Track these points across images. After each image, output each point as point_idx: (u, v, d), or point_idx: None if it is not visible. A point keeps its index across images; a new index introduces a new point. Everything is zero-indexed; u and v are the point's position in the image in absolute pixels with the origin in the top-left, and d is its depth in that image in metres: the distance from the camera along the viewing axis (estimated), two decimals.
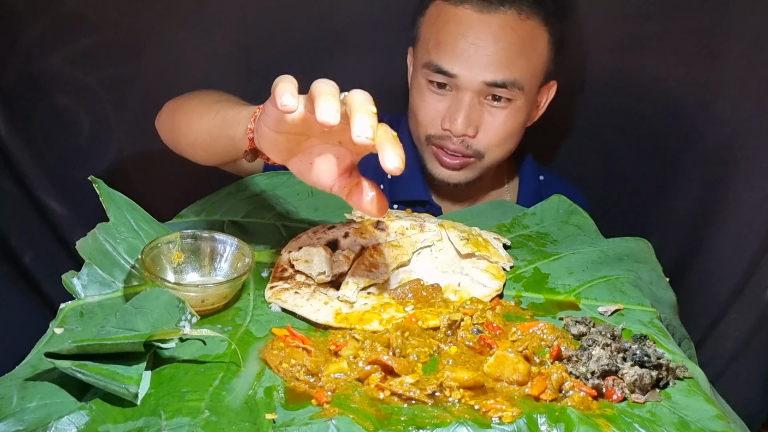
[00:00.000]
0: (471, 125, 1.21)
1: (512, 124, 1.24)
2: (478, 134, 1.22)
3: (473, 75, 1.19)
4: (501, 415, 0.72)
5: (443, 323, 0.85)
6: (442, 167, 1.27)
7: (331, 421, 0.70)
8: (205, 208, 1.13)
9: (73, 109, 1.40)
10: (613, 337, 0.84)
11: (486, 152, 1.25)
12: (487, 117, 1.22)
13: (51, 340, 0.82)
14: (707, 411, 0.76)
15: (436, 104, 1.23)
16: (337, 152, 0.79)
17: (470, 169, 1.27)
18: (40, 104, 1.38)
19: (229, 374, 0.77)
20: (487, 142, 1.23)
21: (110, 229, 0.92)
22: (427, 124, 1.25)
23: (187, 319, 0.81)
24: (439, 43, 1.20)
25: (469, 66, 1.18)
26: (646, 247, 1.08)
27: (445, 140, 1.23)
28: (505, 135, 1.24)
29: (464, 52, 1.18)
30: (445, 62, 1.19)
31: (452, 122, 1.21)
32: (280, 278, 0.93)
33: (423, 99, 1.24)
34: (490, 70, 1.18)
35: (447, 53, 1.19)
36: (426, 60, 1.22)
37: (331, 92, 0.72)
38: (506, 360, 0.78)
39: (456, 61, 1.19)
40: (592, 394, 0.76)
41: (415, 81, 1.27)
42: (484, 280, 0.94)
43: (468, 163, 1.25)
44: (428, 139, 1.26)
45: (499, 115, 1.22)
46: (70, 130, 1.41)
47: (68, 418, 0.71)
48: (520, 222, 1.12)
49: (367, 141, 0.70)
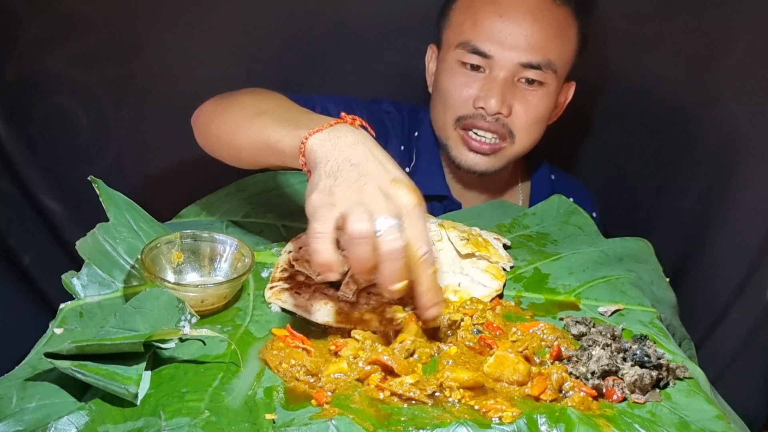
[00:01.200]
0: (505, 103, 1.20)
1: (543, 109, 1.24)
2: (511, 114, 1.22)
3: (509, 56, 1.19)
4: (501, 416, 0.72)
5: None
6: (469, 152, 1.25)
7: (331, 421, 0.70)
8: (204, 208, 1.13)
9: (72, 109, 1.40)
10: (613, 337, 0.84)
11: (517, 134, 1.24)
12: (520, 98, 1.22)
13: (50, 341, 0.82)
14: (707, 411, 0.76)
15: (468, 85, 1.22)
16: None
17: (498, 156, 1.25)
18: (40, 104, 1.38)
19: (228, 374, 0.77)
20: (519, 123, 1.22)
21: (110, 229, 0.92)
22: (458, 104, 1.23)
23: (186, 319, 0.81)
24: (476, 23, 1.20)
25: (506, 47, 1.19)
26: (646, 247, 1.08)
27: (477, 119, 1.22)
28: (536, 119, 1.24)
29: (501, 33, 1.19)
30: (482, 42, 1.20)
31: (487, 100, 1.20)
32: (280, 278, 0.93)
33: (454, 80, 1.23)
34: (526, 52, 1.19)
35: (484, 33, 1.20)
36: (461, 40, 1.22)
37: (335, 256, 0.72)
38: (506, 360, 0.78)
39: (493, 41, 1.19)
40: (592, 395, 0.76)
41: (444, 64, 1.25)
42: (484, 280, 0.94)
43: (498, 149, 1.24)
44: (458, 121, 1.24)
45: (532, 97, 1.22)
46: (70, 130, 1.41)
47: (68, 419, 0.71)
48: (520, 222, 1.12)
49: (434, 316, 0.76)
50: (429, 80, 1.33)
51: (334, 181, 0.75)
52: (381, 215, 0.73)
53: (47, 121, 1.39)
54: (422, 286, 0.76)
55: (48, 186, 1.41)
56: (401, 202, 0.75)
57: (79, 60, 1.37)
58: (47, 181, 1.41)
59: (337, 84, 1.47)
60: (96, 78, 1.39)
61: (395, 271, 0.72)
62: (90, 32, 1.35)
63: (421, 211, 0.76)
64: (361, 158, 0.77)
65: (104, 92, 1.40)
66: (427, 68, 1.34)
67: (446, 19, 1.28)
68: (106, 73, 1.39)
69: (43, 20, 1.33)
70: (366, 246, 0.72)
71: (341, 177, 0.76)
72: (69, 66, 1.36)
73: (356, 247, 0.72)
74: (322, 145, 0.79)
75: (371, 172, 0.76)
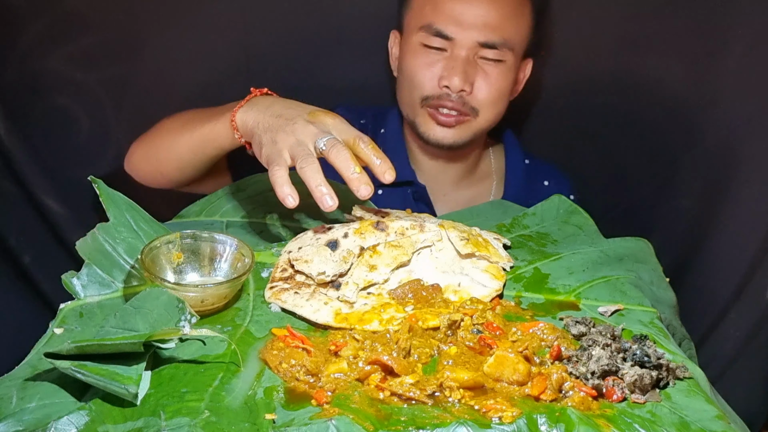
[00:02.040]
0: (467, 81, 1.27)
1: (503, 83, 1.31)
2: (474, 90, 1.29)
3: (469, 36, 1.26)
4: (501, 416, 0.72)
5: (443, 323, 0.85)
6: (437, 126, 1.31)
7: (331, 421, 0.70)
8: (204, 208, 1.13)
9: (72, 109, 1.40)
10: (613, 337, 0.84)
11: (480, 109, 1.30)
12: (481, 74, 1.29)
13: (50, 341, 0.82)
14: (707, 411, 0.76)
15: (432, 65, 1.29)
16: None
17: (464, 128, 1.32)
18: (40, 104, 1.38)
19: (228, 374, 0.77)
20: (481, 98, 1.29)
21: (110, 229, 0.92)
22: (424, 84, 1.29)
23: (186, 319, 0.81)
24: (437, 7, 1.28)
25: (465, 27, 1.26)
26: (646, 247, 1.08)
27: (443, 99, 1.29)
28: (498, 93, 1.31)
29: (461, 15, 1.26)
30: (443, 25, 1.27)
31: (450, 78, 1.26)
32: (280, 278, 0.93)
33: (419, 61, 1.30)
34: (484, 32, 1.26)
35: (444, 15, 1.27)
36: (424, 23, 1.28)
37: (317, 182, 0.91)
38: (506, 360, 0.78)
39: (454, 23, 1.26)
40: (592, 395, 0.76)
41: (408, 47, 1.32)
42: (484, 280, 0.94)
43: (463, 120, 1.30)
44: (424, 101, 1.30)
45: (492, 72, 1.29)
46: (70, 130, 1.41)
47: (68, 419, 0.71)
48: (520, 222, 1.12)
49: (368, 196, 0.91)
50: (393, 65, 1.39)
51: (272, 134, 0.96)
52: (317, 138, 0.94)
53: (47, 121, 1.39)
54: (368, 157, 0.95)
55: (48, 186, 1.41)
56: (325, 122, 0.97)
57: (79, 60, 1.37)
58: (47, 181, 1.41)
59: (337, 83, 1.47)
60: (96, 78, 1.39)
61: (347, 160, 0.92)
62: (90, 32, 1.35)
63: (339, 120, 0.98)
64: (281, 110, 0.99)
65: (104, 92, 1.40)
66: (391, 53, 1.40)
67: (407, 3, 1.34)
68: (107, 73, 1.39)
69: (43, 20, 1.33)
70: (316, 164, 0.92)
71: (275, 128, 0.97)
72: (69, 66, 1.36)
73: (307, 167, 0.92)
74: (247, 115, 1.01)
75: (293, 116, 0.97)
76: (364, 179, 0.92)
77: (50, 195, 1.42)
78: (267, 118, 0.99)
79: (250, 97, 1.05)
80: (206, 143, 1.09)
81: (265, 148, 0.96)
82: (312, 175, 0.92)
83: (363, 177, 0.92)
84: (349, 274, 0.92)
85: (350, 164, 0.92)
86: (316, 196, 0.92)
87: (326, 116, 0.98)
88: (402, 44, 1.35)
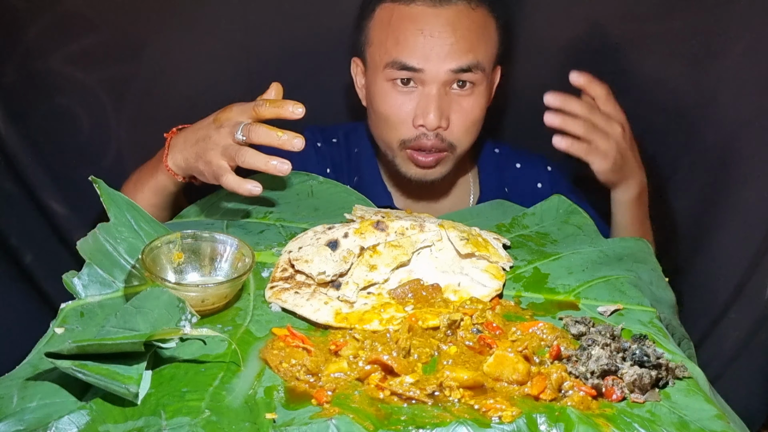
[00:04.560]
0: (443, 116, 1.23)
1: (478, 109, 1.27)
2: (450, 125, 1.24)
3: (438, 66, 1.21)
4: (501, 415, 0.72)
5: (443, 323, 0.85)
6: (417, 167, 1.28)
7: (331, 420, 0.70)
8: (205, 208, 1.13)
9: (73, 108, 1.40)
10: (612, 336, 0.84)
11: (458, 143, 1.27)
12: (455, 106, 1.24)
13: (51, 340, 0.82)
14: (707, 411, 0.76)
15: (404, 104, 1.24)
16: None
17: (444, 163, 1.29)
18: (41, 104, 1.38)
19: (229, 374, 0.78)
20: (458, 131, 1.25)
21: (111, 229, 0.92)
22: (400, 127, 1.25)
23: (187, 319, 0.81)
24: (399, 42, 1.22)
25: (433, 58, 1.21)
26: (645, 247, 1.08)
27: (420, 139, 1.24)
28: (474, 121, 1.27)
29: (426, 46, 1.21)
30: (408, 58, 1.22)
31: (425, 117, 1.22)
32: (280, 278, 0.93)
33: (390, 102, 1.25)
34: (453, 58, 1.22)
35: (409, 49, 1.22)
36: (388, 60, 1.23)
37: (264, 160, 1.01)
38: (506, 360, 0.78)
39: (420, 55, 1.21)
40: (591, 394, 0.76)
41: (375, 87, 1.27)
42: (483, 280, 0.94)
43: (442, 157, 1.27)
44: (403, 144, 1.26)
45: (466, 101, 1.25)
46: (71, 129, 1.41)
47: (68, 418, 0.71)
48: (520, 222, 1.12)
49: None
50: (360, 93, 1.34)
51: (202, 159, 1.06)
52: (233, 134, 1.02)
53: (48, 121, 1.39)
54: (276, 112, 1.03)
55: (49, 186, 1.41)
56: (229, 117, 1.05)
57: (80, 60, 1.37)
58: (48, 181, 1.41)
59: (338, 84, 1.47)
60: (97, 78, 1.39)
61: (266, 133, 1.01)
62: (91, 32, 1.35)
63: (236, 106, 1.06)
64: (195, 137, 1.08)
65: (105, 92, 1.40)
66: (355, 81, 1.35)
67: (365, 36, 1.29)
68: (107, 73, 1.39)
69: (44, 20, 1.33)
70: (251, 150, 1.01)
71: (201, 153, 1.06)
72: (70, 66, 1.36)
73: (246, 157, 1.01)
74: (175, 158, 1.11)
75: (205, 134, 1.07)
76: (291, 135, 1.00)
77: (51, 195, 1.42)
78: (190, 150, 1.08)
79: (168, 142, 1.13)
80: (158, 194, 1.18)
81: (206, 171, 1.06)
82: (255, 159, 1.01)
83: (288, 134, 1.00)
84: (349, 273, 0.92)
85: (271, 133, 1.00)
86: (270, 169, 1.00)
87: (226, 112, 1.07)
88: (369, 81, 1.29)
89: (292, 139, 1.00)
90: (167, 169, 1.12)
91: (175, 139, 1.12)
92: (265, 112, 1.03)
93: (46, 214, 1.42)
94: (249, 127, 1.02)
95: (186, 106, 1.43)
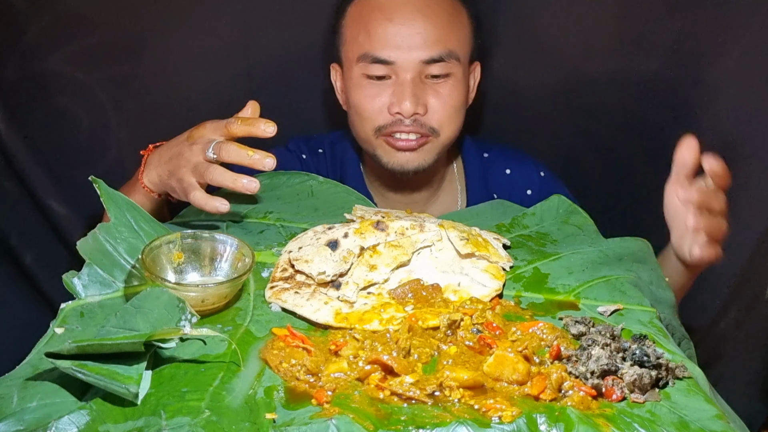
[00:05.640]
0: (419, 103, 1.21)
1: (457, 97, 1.26)
2: (429, 110, 1.23)
3: (411, 56, 1.21)
4: (501, 415, 0.72)
5: (443, 323, 0.85)
6: (398, 152, 1.26)
7: (331, 420, 0.70)
8: None
9: (74, 108, 1.40)
10: (612, 336, 0.84)
11: (439, 128, 1.25)
12: (431, 92, 1.23)
13: (51, 340, 0.82)
14: (707, 411, 0.76)
15: (379, 95, 1.23)
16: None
17: (427, 149, 1.26)
18: (41, 104, 1.38)
19: (229, 374, 0.78)
20: (438, 117, 1.24)
21: (111, 229, 0.92)
22: (374, 115, 1.24)
23: (187, 319, 0.81)
24: (370, 34, 1.22)
25: (405, 48, 1.21)
26: (645, 247, 1.08)
27: (396, 125, 1.23)
28: (453, 108, 1.25)
29: (397, 36, 1.21)
30: (380, 50, 1.21)
31: (401, 104, 1.21)
32: (280, 278, 0.93)
33: (364, 93, 1.24)
34: (424, 48, 1.21)
35: (380, 41, 1.21)
36: (360, 53, 1.23)
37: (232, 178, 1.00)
38: (506, 360, 0.78)
39: (391, 45, 1.21)
40: (591, 394, 0.76)
41: (351, 81, 1.27)
42: (483, 280, 0.94)
43: (424, 142, 1.25)
44: (378, 131, 1.25)
45: (443, 89, 1.24)
46: (71, 129, 1.41)
47: (68, 418, 0.71)
48: (520, 222, 1.12)
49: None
50: (341, 98, 1.34)
51: (174, 175, 1.05)
52: (204, 151, 1.02)
53: (48, 121, 1.39)
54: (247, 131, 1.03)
55: (49, 185, 1.41)
56: (202, 134, 1.05)
57: (80, 60, 1.37)
58: (48, 181, 1.41)
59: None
60: (97, 78, 1.39)
61: (236, 151, 1.00)
62: (91, 32, 1.35)
63: (210, 123, 1.06)
64: (169, 154, 1.08)
65: (105, 92, 1.40)
66: (336, 87, 1.34)
67: (340, 36, 1.29)
68: (107, 73, 1.39)
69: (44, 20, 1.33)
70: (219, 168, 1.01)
71: (173, 169, 1.05)
72: (70, 66, 1.37)
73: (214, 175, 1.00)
74: (150, 175, 1.11)
75: (178, 150, 1.06)
76: (262, 154, 0.99)
77: (51, 195, 1.42)
78: (163, 167, 1.08)
79: (145, 159, 1.13)
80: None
81: (177, 188, 1.06)
82: (223, 177, 1.00)
83: (259, 154, 0.99)
84: (349, 273, 0.92)
85: (241, 152, 1.00)
86: (238, 188, 1.00)
87: (199, 129, 1.06)
88: (344, 77, 1.29)
89: (264, 159, 0.99)
90: (143, 186, 1.11)
91: (151, 156, 1.12)
92: (237, 130, 1.03)
93: (46, 214, 1.42)
94: (220, 145, 1.01)
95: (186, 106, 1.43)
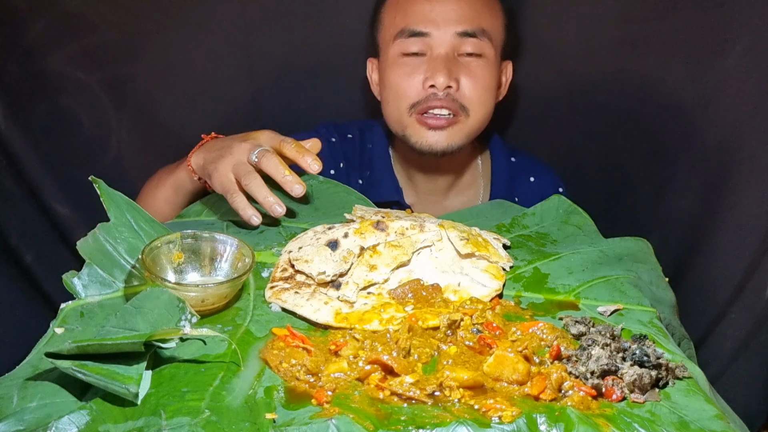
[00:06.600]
0: (452, 77, 1.25)
1: (488, 79, 1.29)
2: (460, 87, 1.27)
3: (446, 30, 1.26)
4: (501, 415, 0.72)
5: (443, 323, 0.85)
6: (428, 131, 1.28)
7: (331, 420, 0.70)
8: (205, 208, 1.13)
9: (74, 108, 1.40)
10: (612, 336, 0.84)
11: (470, 107, 1.28)
12: (464, 70, 1.27)
13: (51, 340, 0.82)
14: (707, 411, 0.76)
15: (414, 71, 1.27)
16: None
17: (456, 130, 1.29)
18: (42, 104, 1.38)
19: (229, 374, 0.78)
20: (469, 94, 1.27)
21: (111, 229, 0.92)
22: (409, 92, 1.28)
23: (187, 319, 0.81)
24: (407, 12, 1.28)
25: (440, 22, 1.26)
26: (645, 247, 1.08)
27: (430, 100, 1.26)
28: (483, 89, 1.29)
29: (432, 12, 1.27)
30: (416, 24, 1.27)
31: (435, 77, 1.25)
32: (281, 278, 0.93)
33: (401, 71, 1.29)
34: (459, 21, 1.27)
35: (416, 15, 1.27)
36: (397, 30, 1.28)
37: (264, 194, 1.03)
38: (506, 360, 0.78)
39: (427, 21, 1.27)
40: (591, 394, 0.76)
41: (387, 62, 1.31)
42: (483, 280, 0.94)
43: (455, 122, 1.28)
44: (412, 107, 1.28)
45: (475, 68, 1.28)
46: (72, 129, 1.41)
47: (68, 418, 0.71)
48: (520, 222, 1.12)
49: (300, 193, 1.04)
50: (375, 90, 1.38)
51: (216, 164, 1.07)
52: (250, 152, 1.05)
53: (49, 121, 1.39)
54: (295, 157, 1.06)
55: (50, 185, 1.42)
56: (257, 137, 1.09)
57: (81, 60, 1.37)
58: (49, 181, 1.41)
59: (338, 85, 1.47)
60: (98, 78, 1.39)
61: (276, 166, 1.04)
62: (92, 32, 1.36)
63: (269, 132, 1.10)
64: (222, 144, 1.10)
65: (106, 92, 1.40)
66: (371, 80, 1.38)
67: (378, 24, 1.35)
68: (108, 73, 1.39)
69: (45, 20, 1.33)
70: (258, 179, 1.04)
71: (218, 159, 1.07)
72: (71, 66, 1.37)
73: (250, 182, 1.03)
74: (198, 157, 1.13)
75: (230, 143, 1.09)
76: (295, 179, 1.03)
77: (52, 195, 1.42)
78: (212, 154, 1.10)
79: (202, 143, 1.15)
80: (175, 191, 1.21)
81: (215, 178, 1.07)
82: (257, 190, 1.03)
83: (293, 178, 1.03)
84: (349, 273, 0.92)
85: (279, 169, 1.03)
86: (265, 206, 1.03)
87: (257, 133, 1.10)
88: (381, 64, 1.34)
89: (294, 184, 1.03)
90: (188, 165, 1.14)
91: (209, 142, 1.15)
92: (288, 150, 1.07)
93: (47, 214, 1.42)
94: (265, 153, 1.04)
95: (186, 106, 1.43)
